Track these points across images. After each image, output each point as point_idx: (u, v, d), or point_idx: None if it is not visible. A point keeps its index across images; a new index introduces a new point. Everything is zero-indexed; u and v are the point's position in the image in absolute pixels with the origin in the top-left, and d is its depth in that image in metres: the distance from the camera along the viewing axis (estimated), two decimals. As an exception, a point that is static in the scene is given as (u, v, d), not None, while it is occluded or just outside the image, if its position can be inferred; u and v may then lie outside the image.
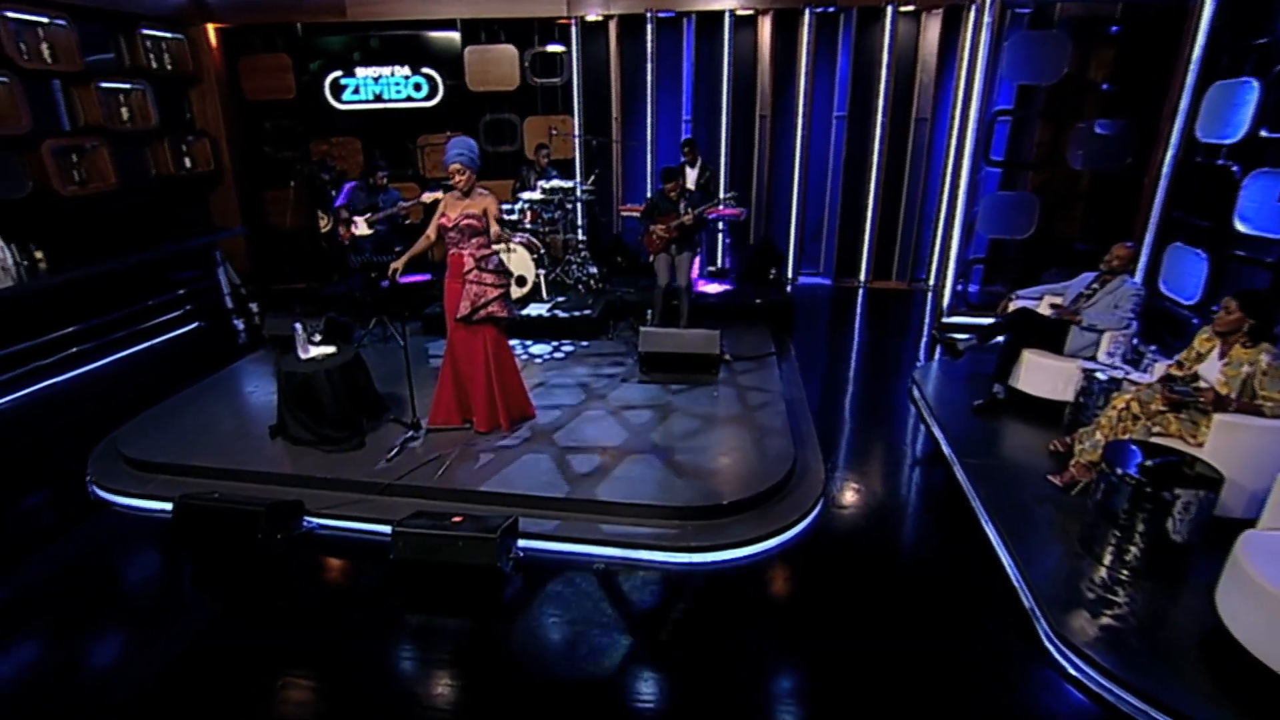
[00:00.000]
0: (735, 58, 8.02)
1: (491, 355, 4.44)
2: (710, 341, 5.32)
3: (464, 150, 4.15)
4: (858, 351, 6.63)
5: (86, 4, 6.48)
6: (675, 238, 5.91)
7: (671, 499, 3.79)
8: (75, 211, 6.46)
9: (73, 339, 6.03)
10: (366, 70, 8.19)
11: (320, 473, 4.15)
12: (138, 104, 7.07)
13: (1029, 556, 3.30)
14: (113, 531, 3.95)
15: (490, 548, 3.35)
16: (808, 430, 4.74)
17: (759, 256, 7.42)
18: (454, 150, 4.13)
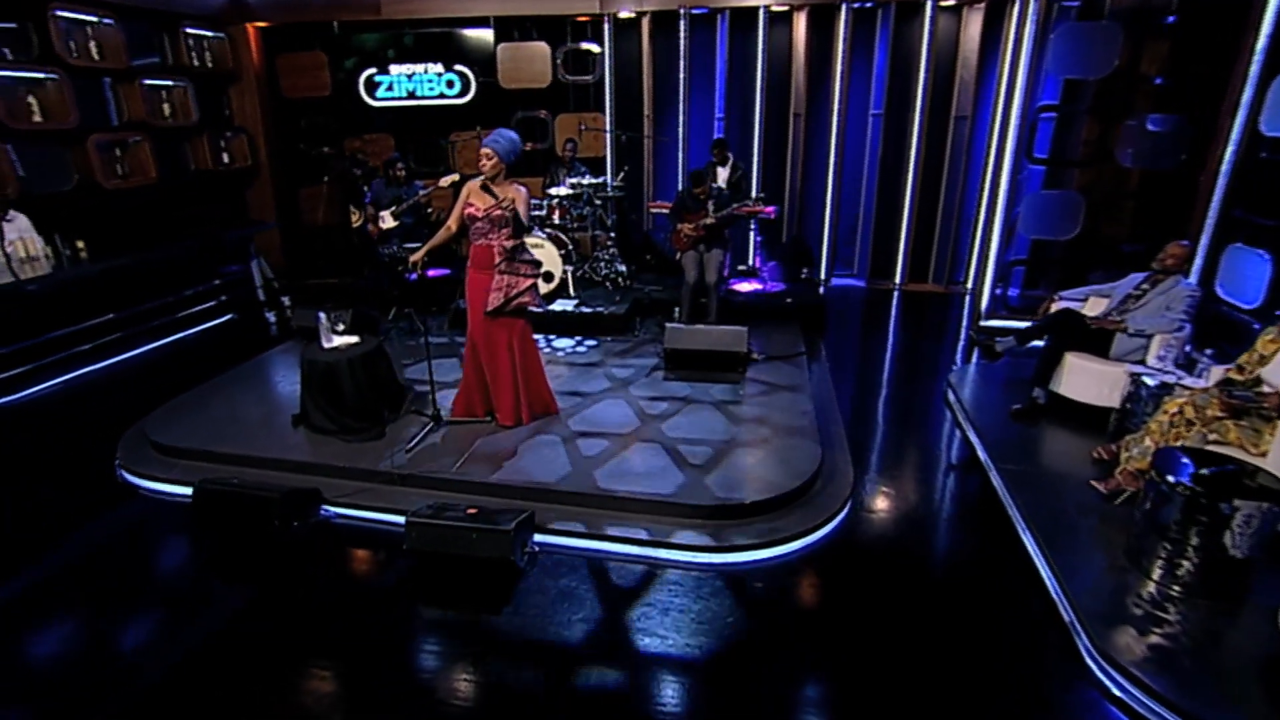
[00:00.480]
0: (769, 55, 7.89)
1: (518, 348, 4.38)
2: (737, 339, 5.20)
3: (500, 139, 4.10)
4: (891, 354, 6.43)
5: (133, 3, 6.66)
6: (703, 236, 5.81)
7: (692, 497, 3.68)
8: (117, 204, 6.62)
9: (111, 327, 6.16)
10: (400, 67, 8.26)
11: (339, 462, 4.14)
12: (179, 101, 7.23)
13: (1070, 568, 3.12)
14: (136, 515, 4.00)
15: (504, 541, 3.28)
16: (837, 432, 4.58)
17: (791, 256, 7.27)
18: (492, 136, 4.10)
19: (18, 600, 3.25)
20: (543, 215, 6.77)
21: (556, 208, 6.85)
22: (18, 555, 3.57)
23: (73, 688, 2.73)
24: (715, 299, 5.94)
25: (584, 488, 3.79)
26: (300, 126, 8.65)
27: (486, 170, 4.10)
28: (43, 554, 3.58)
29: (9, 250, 5.32)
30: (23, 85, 5.84)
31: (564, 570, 3.39)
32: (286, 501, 3.64)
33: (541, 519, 3.62)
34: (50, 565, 3.50)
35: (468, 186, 4.21)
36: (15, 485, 4.26)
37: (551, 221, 6.80)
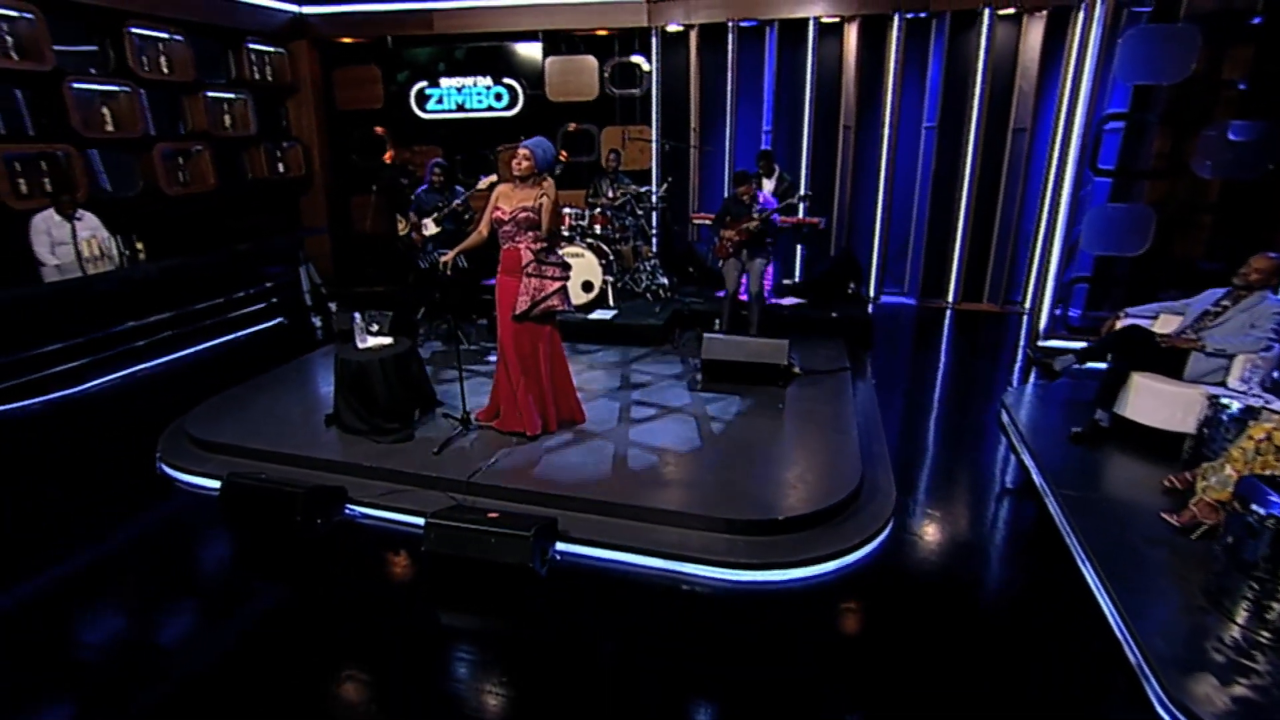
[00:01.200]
0: (819, 67, 7.75)
1: (544, 354, 4.31)
2: (777, 351, 5.02)
3: (541, 145, 4.09)
4: (942, 374, 6.13)
5: (202, 21, 6.98)
6: (745, 242, 5.67)
7: (723, 510, 3.51)
8: (177, 209, 6.89)
9: (165, 325, 6.35)
10: (450, 80, 8.44)
11: (367, 461, 4.12)
12: (239, 112, 7.52)
13: (1137, 606, 2.82)
14: (169, 506, 4.05)
15: (523, 546, 3.17)
16: (879, 450, 4.34)
17: (837, 270, 7.05)
18: (533, 140, 4.08)
19: (41, 588, 3.30)
20: (584, 225, 6.75)
21: (599, 218, 6.81)
22: (54, 543, 3.64)
23: (80, 675, 2.73)
24: (757, 310, 5.78)
25: (610, 497, 3.66)
26: (353, 138, 8.89)
27: (521, 170, 4.06)
28: (77, 542, 3.64)
29: (80, 248, 5.56)
30: (98, 97, 6.16)
31: (585, 581, 3.26)
32: (310, 498, 3.62)
33: (566, 527, 3.50)
34: (80, 552, 3.55)
35: (497, 190, 4.19)
36: (61, 475, 4.38)
37: (593, 232, 6.76)
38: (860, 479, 3.78)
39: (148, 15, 6.39)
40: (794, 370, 5.29)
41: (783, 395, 4.96)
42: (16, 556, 3.50)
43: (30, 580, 3.32)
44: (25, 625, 3.03)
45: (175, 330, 6.35)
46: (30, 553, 3.53)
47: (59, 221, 5.54)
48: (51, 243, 5.50)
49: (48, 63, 5.62)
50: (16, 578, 3.33)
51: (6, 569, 3.39)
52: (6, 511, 3.94)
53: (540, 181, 4.09)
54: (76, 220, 5.64)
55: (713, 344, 5.12)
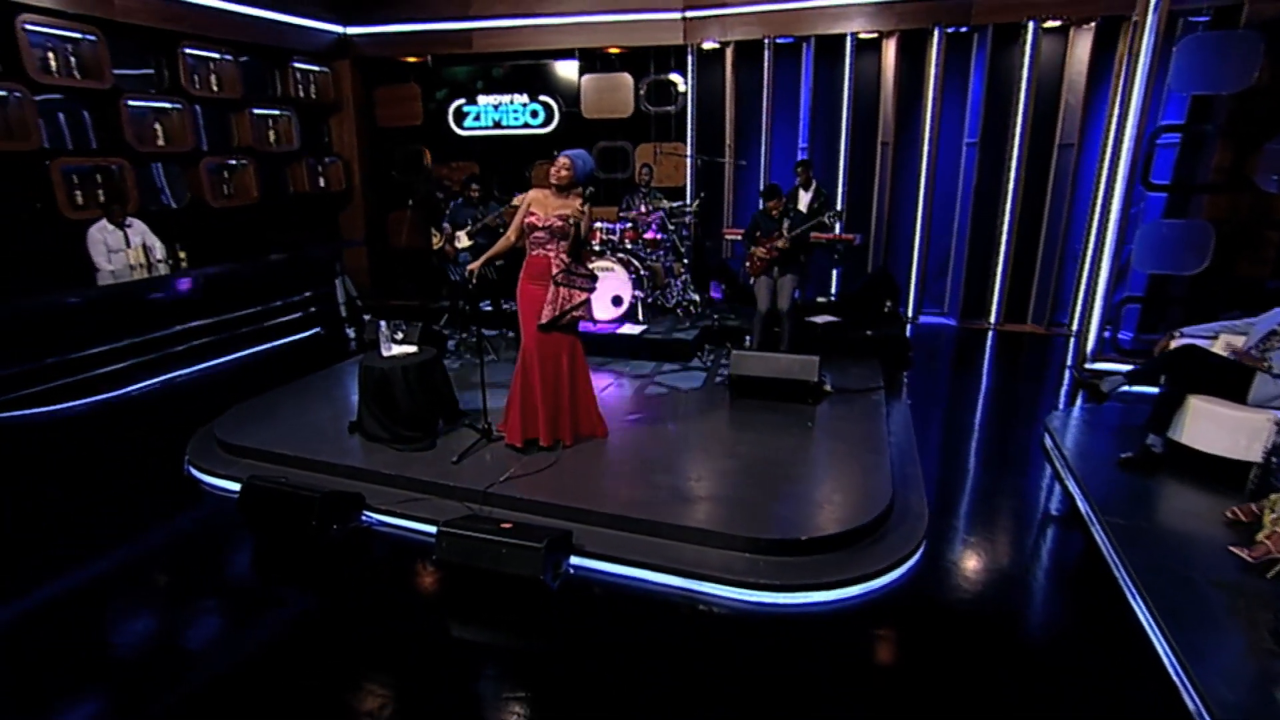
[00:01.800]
0: (856, 82, 7.66)
1: (567, 365, 4.25)
2: (808, 368, 4.87)
3: (581, 155, 4.09)
4: (983, 396, 5.87)
5: (251, 41, 7.26)
6: (777, 258, 5.56)
7: (744, 528, 3.37)
8: (220, 220, 7.12)
9: (205, 331, 6.51)
10: (488, 98, 8.59)
11: (386, 469, 4.11)
12: (283, 128, 7.77)
13: (1197, 647, 2.59)
14: (192, 507, 4.09)
15: (534, 558, 3.08)
16: (912, 472, 4.15)
17: (874, 288, 6.87)
18: (574, 150, 4.08)
19: (53, 585, 3.34)
20: (615, 240, 6.72)
21: (630, 233, 6.78)
22: (73, 541, 3.69)
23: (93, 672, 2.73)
24: (789, 327, 5.64)
25: (627, 511, 3.56)
26: (393, 154, 9.10)
27: (561, 180, 4.05)
28: (97, 540, 3.69)
29: (129, 256, 5.77)
30: (152, 114, 6.43)
31: (598, 596, 3.16)
32: (326, 503, 3.60)
33: (581, 541, 3.40)
34: (98, 551, 3.59)
35: (530, 195, 4.18)
36: (94, 475, 4.47)
37: (623, 246, 6.73)
38: (890, 500, 3.61)
39: (201, 36, 6.67)
40: (825, 388, 5.13)
41: (813, 413, 4.80)
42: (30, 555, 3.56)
43: (43, 578, 3.35)
44: (37, 623, 3.06)
45: (215, 336, 6.50)
46: (46, 551, 3.58)
47: (112, 230, 5.79)
48: (108, 250, 5.73)
49: (106, 81, 5.90)
50: (27, 576, 3.38)
51: (19, 567, 3.45)
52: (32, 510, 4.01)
53: (576, 194, 4.08)
54: (128, 228, 5.85)
55: (741, 360, 5.00)
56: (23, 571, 3.39)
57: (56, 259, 5.70)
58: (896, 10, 7.26)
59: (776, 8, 7.61)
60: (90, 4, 5.78)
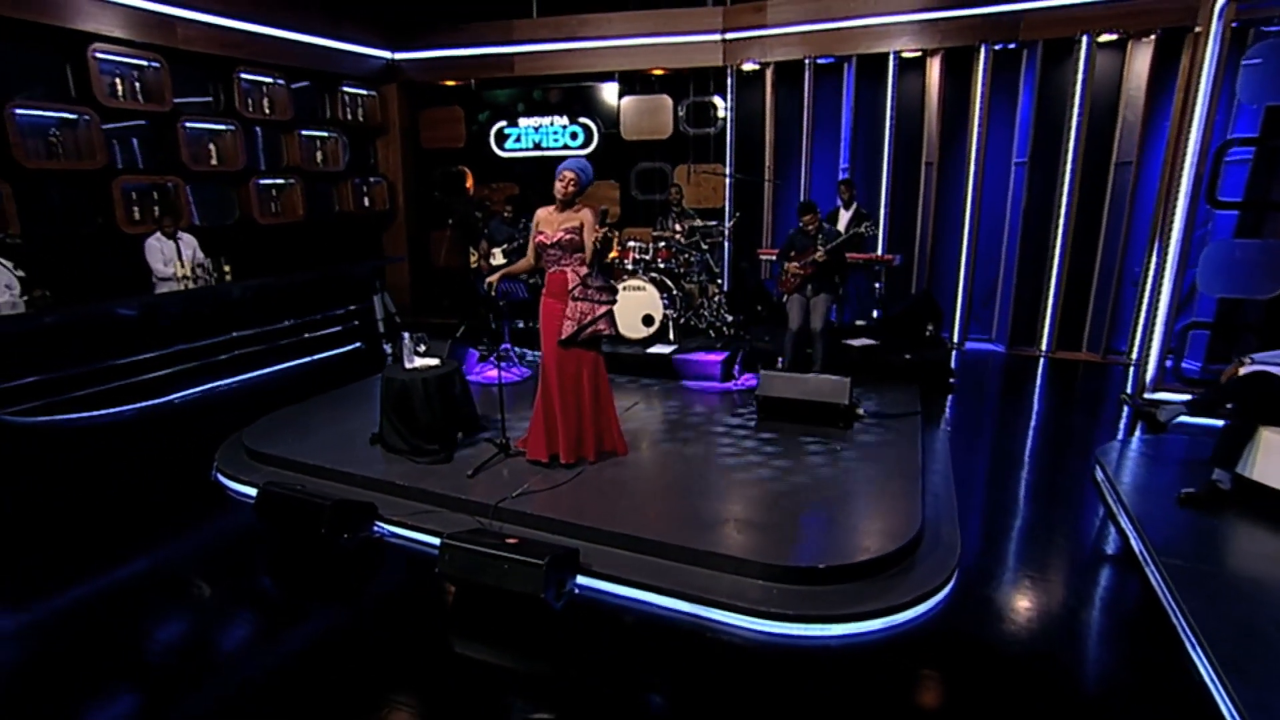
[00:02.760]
0: (899, 102, 7.50)
1: (588, 381, 4.18)
2: (839, 390, 4.68)
3: (581, 163, 4.08)
4: (1031, 425, 5.53)
5: (304, 67, 7.59)
6: (810, 276, 5.42)
7: (760, 554, 3.20)
8: (267, 237, 7.38)
9: (245, 342, 6.69)
10: (528, 120, 8.74)
11: (401, 480, 4.09)
12: (331, 150, 8.06)
13: (1266, 706, 2.30)
14: (214, 512, 4.16)
15: (535, 575, 2.98)
16: (947, 502, 3.90)
17: (915, 311, 6.62)
18: (570, 161, 4.07)
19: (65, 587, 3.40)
20: (648, 259, 6.68)
21: (663, 252, 6.73)
22: (95, 543, 3.78)
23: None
24: (822, 348, 5.46)
25: (640, 532, 3.44)
26: (435, 175, 9.32)
27: (567, 194, 4.03)
28: (118, 541, 3.77)
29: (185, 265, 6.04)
30: (206, 135, 6.75)
31: (603, 618, 3.04)
32: (336, 512, 3.59)
33: (589, 560, 3.29)
34: (115, 553, 3.66)
35: (538, 215, 4.17)
36: (126, 479, 4.59)
37: (656, 265, 6.68)
38: (919, 530, 3.38)
39: (256, 62, 7.00)
40: (857, 412, 4.92)
41: (843, 437, 4.60)
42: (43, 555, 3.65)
43: (50, 578, 3.42)
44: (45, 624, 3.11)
45: (256, 347, 6.68)
46: (60, 552, 3.67)
47: (166, 241, 6.08)
48: (164, 259, 6.04)
49: (167, 105, 6.22)
50: (32, 576, 3.46)
51: (24, 566, 3.54)
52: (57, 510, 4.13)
53: (579, 205, 4.07)
54: (179, 240, 6.13)
55: (770, 381, 4.85)
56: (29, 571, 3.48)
57: (115, 271, 5.97)
58: (941, 28, 7.11)
59: (817, 28, 7.55)
60: (156, 33, 6.13)
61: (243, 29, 6.82)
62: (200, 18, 6.44)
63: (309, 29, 7.51)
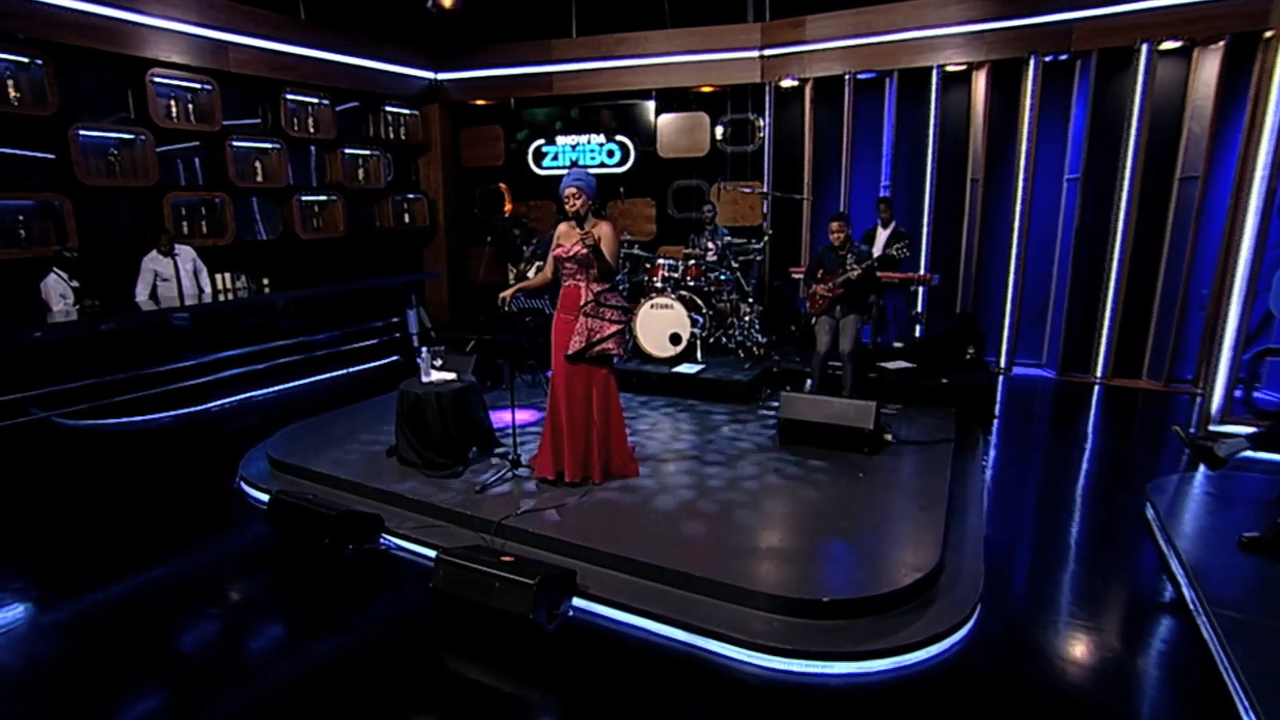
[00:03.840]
0: (943, 117, 7.27)
1: (597, 400, 4.11)
2: (863, 414, 4.48)
3: (581, 176, 4.03)
4: (1081, 455, 5.17)
5: (349, 88, 7.88)
6: (841, 296, 5.24)
7: (762, 584, 3.05)
8: (308, 252, 7.63)
9: (284, 351, 6.90)
10: (566, 138, 8.83)
11: (410, 494, 4.10)
12: (373, 167, 8.31)
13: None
14: (232, 518, 4.26)
15: (525, 595, 2.91)
16: (973, 537, 3.66)
17: (955, 333, 6.32)
18: (571, 176, 4.04)
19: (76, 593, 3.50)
20: (676, 277, 6.61)
21: (693, 269, 6.65)
22: (113, 549, 3.90)
23: (90, 672, 2.79)
24: (850, 371, 5.26)
25: (641, 555, 3.33)
26: (475, 193, 9.50)
27: (574, 209, 4.00)
28: (134, 546, 3.88)
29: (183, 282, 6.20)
30: (253, 153, 7.06)
31: (596, 644, 2.95)
32: (340, 522, 3.60)
33: (587, 583, 3.21)
34: (128, 556, 3.77)
35: (559, 229, 4.16)
36: (153, 485, 4.75)
37: (685, 284, 6.60)
38: (937, 565, 3.17)
39: (303, 84, 7.30)
40: (885, 437, 4.70)
41: (867, 464, 4.39)
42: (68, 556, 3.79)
43: (66, 581, 3.53)
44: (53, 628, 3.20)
45: (291, 358, 6.88)
46: (86, 555, 3.80)
47: (163, 260, 6.14)
48: (157, 279, 6.12)
49: (217, 125, 6.54)
50: (57, 575, 3.58)
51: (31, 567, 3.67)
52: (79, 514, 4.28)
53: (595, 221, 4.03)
54: (175, 256, 6.20)
55: (792, 403, 4.68)
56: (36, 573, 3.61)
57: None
58: (988, 40, 6.87)
59: (858, 42, 7.41)
60: (210, 58, 6.47)
61: (292, 52, 7.13)
62: (252, 42, 6.77)
63: (355, 51, 7.80)
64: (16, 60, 5.38)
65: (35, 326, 5.11)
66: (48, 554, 3.81)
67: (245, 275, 6.48)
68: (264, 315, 6.72)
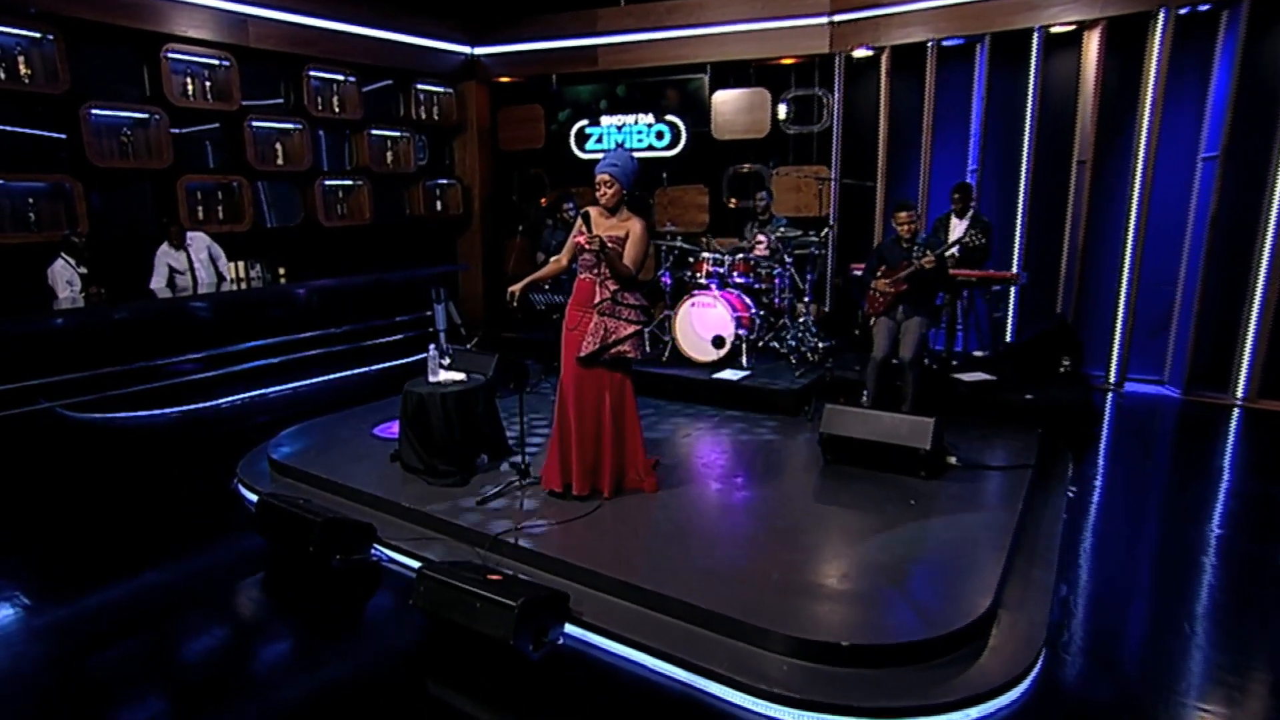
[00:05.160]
0: (1044, 88, 6.95)
1: (611, 406, 4.11)
2: (919, 432, 4.30)
3: (617, 161, 4.06)
4: (1207, 495, 4.72)
5: (377, 64, 8.18)
6: (903, 293, 5.07)
7: (775, 621, 2.97)
8: (331, 240, 7.97)
9: (298, 346, 7.21)
10: (611, 119, 8.91)
11: (406, 503, 4.21)
12: (403, 150, 8.61)
13: None
14: (224, 521, 4.48)
15: (505, 618, 2.92)
16: (1038, 579, 3.45)
17: (1046, 342, 6.01)
18: (606, 159, 4.07)
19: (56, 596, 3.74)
20: (723, 272, 6.55)
21: (740, 264, 6.58)
22: (101, 547, 4.17)
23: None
24: (912, 381, 5.07)
25: (640, 580, 3.30)
26: (514, 179, 9.69)
27: (606, 199, 4.03)
28: (120, 548, 4.14)
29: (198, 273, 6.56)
30: (275, 134, 7.43)
31: (585, 676, 2.95)
32: (326, 530, 3.71)
33: (581, 608, 3.21)
34: (112, 558, 4.02)
35: (587, 212, 4.19)
36: (150, 484, 5.03)
37: (731, 280, 6.54)
38: (988, 613, 3.00)
39: (328, 60, 7.63)
40: (949, 460, 4.50)
41: (923, 489, 4.21)
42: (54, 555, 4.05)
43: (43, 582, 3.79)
44: (39, 614, 3.44)
45: (306, 352, 7.18)
46: (72, 555, 4.06)
47: (176, 252, 6.50)
48: (172, 272, 6.49)
49: (235, 104, 6.92)
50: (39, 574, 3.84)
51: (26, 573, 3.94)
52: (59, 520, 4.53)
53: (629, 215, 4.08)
54: (188, 247, 6.54)
55: (836, 416, 4.54)
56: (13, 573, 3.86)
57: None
58: (1104, -7, 6.51)
59: (944, 2, 7.16)
60: (228, 32, 6.85)
61: (316, 25, 7.45)
62: (273, 15, 7.11)
63: (384, 24, 8.08)
64: (27, 35, 5.76)
65: (45, 314, 5.52)
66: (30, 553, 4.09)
67: (261, 264, 6.80)
68: (279, 307, 7.04)
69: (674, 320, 6.48)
